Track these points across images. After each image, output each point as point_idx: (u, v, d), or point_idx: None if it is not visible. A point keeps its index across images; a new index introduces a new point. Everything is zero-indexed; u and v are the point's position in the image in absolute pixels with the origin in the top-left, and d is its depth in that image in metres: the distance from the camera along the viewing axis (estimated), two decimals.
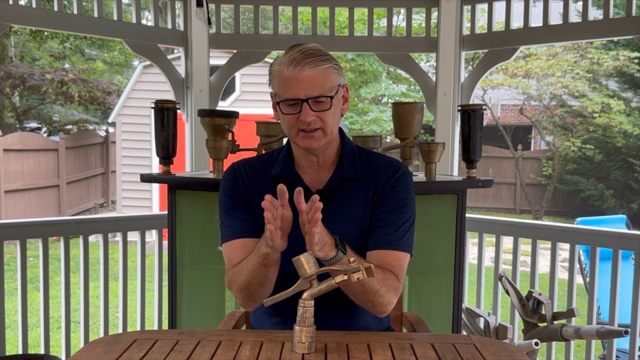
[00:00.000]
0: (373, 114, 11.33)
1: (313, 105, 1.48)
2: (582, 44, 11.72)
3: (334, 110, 1.52)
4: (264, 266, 1.44)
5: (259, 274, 1.46)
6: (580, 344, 4.34)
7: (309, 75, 1.46)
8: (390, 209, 1.57)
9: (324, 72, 1.48)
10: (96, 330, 4.38)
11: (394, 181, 1.60)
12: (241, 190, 1.62)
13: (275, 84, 1.52)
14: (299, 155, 1.61)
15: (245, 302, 1.57)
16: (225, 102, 9.41)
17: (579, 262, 4.77)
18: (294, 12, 3.53)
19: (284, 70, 1.48)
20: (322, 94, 1.48)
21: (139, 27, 3.33)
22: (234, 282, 1.54)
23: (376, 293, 1.46)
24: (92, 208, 12.44)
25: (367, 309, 1.53)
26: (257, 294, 1.52)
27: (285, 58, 1.49)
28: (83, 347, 1.39)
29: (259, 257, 1.44)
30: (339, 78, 1.52)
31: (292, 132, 1.53)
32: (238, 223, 1.59)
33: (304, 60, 1.47)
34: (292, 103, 1.49)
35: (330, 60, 1.51)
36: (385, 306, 1.51)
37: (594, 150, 12.78)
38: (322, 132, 1.52)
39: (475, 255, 3.33)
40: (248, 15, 9.36)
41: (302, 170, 1.62)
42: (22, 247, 2.88)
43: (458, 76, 3.39)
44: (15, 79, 12.68)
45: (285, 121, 1.53)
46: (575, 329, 2.30)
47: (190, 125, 3.42)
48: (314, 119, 1.49)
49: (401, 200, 1.59)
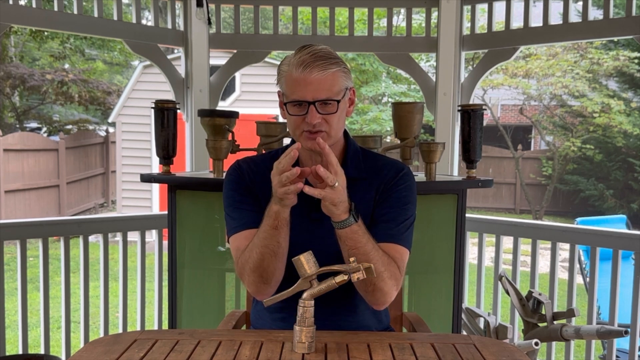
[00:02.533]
0: (373, 114, 11.34)
1: (319, 107, 1.50)
2: (582, 44, 11.72)
3: (339, 114, 1.54)
4: (275, 228, 1.45)
5: (272, 240, 1.46)
6: (580, 344, 4.34)
7: (317, 78, 1.48)
8: (393, 205, 1.59)
9: (332, 76, 1.50)
10: (96, 330, 4.38)
11: (397, 180, 1.62)
12: (247, 183, 1.63)
13: (284, 84, 1.54)
14: (303, 155, 1.62)
15: (258, 286, 1.53)
16: (225, 102, 9.41)
17: (579, 262, 4.77)
18: (294, 12, 3.53)
19: (293, 71, 1.50)
20: (329, 98, 1.50)
21: (139, 27, 3.33)
22: (246, 264, 1.53)
23: (379, 276, 1.46)
24: (92, 208, 12.44)
25: (367, 297, 1.52)
26: (270, 268, 1.49)
27: (294, 59, 1.50)
28: (83, 347, 1.40)
29: (269, 219, 1.45)
30: (346, 81, 1.54)
31: (297, 132, 1.54)
32: (246, 215, 1.60)
33: (313, 63, 1.48)
34: (299, 104, 1.51)
35: (339, 64, 1.52)
36: (385, 295, 1.51)
37: (594, 150, 12.78)
38: (326, 135, 1.53)
39: (475, 255, 3.33)
40: (248, 15, 9.35)
41: None
42: (22, 247, 2.88)
43: (458, 76, 3.39)
44: (15, 79, 12.69)
45: (291, 121, 1.55)
46: (575, 329, 2.30)
47: (190, 125, 3.42)
48: (320, 122, 1.50)
49: (403, 198, 1.61)
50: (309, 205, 1.58)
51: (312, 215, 1.58)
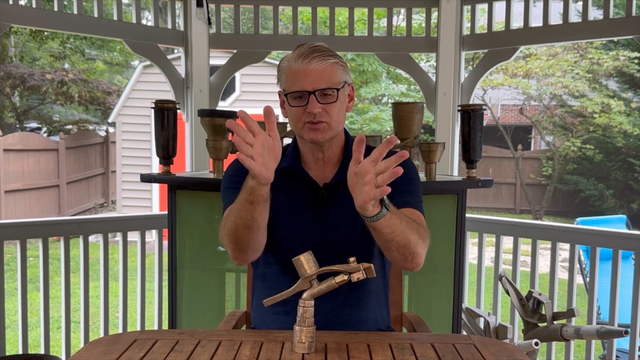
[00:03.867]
0: (373, 113, 11.34)
1: (320, 97, 1.52)
2: (582, 44, 11.72)
3: (339, 105, 1.55)
4: (250, 203, 1.39)
5: (246, 213, 1.41)
6: (580, 344, 4.34)
7: (316, 68, 1.51)
8: (402, 186, 1.55)
9: (330, 67, 1.53)
10: (96, 330, 4.38)
11: (400, 164, 1.59)
12: (246, 173, 1.61)
13: (284, 79, 1.56)
14: (305, 151, 1.64)
15: (234, 252, 1.52)
16: (225, 102, 9.41)
17: (579, 262, 4.77)
18: (294, 12, 3.53)
19: (292, 64, 1.53)
20: (328, 87, 1.52)
21: (139, 27, 3.33)
22: (222, 229, 1.52)
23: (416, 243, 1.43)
24: (92, 208, 12.44)
25: (404, 264, 1.49)
26: (244, 238, 1.46)
27: (293, 54, 1.55)
28: (83, 347, 1.39)
29: (244, 192, 1.40)
30: (345, 75, 1.57)
31: (298, 125, 1.56)
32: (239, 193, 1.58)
33: (312, 54, 1.52)
34: (299, 95, 1.53)
35: (337, 58, 1.56)
36: (420, 258, 1.47)
37: (594, 150, 12.78)
38: (327, 125, 1.54)
39: (475, 255, 3.33)
40: (248, 15, 9.35)
41: (308, 167, 1.64)
42: (22, 247, 2.88)
43: (458, 76, 3.39)
44: (15, 79, 12.69)
45: (292, 114, 1.56)
46: (575, 329, 2.30)
47: (190, 125, 3.41)
48: (320, 111, 1.52)
49: (412, 180, 1.62)
50: (314, 199, 1.59)
51: (317, 210, 1.59)
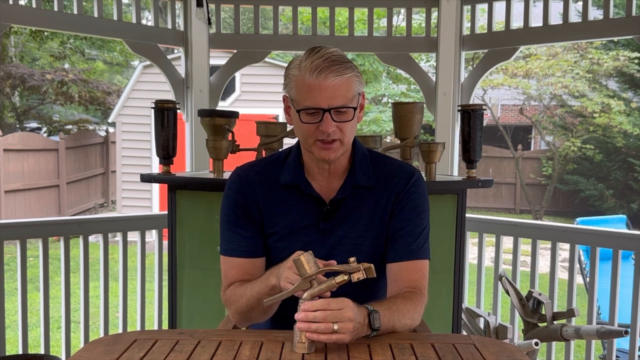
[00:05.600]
0: (373, 114, 11.33)
1: (334, 115, 1.43)
2: (582, 44, 11.72)
3: (354, 121, 1.48)
4: (269, 295, 1.43)
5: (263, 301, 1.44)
6: (580, 344, 4.34)
7: (332, 84, 1.41)
8: (408, 218, 1.56)
9: (347, 81, 1.43)
10: (96, 330, 4.38)
11: (409, 188, 1.57)
12: (247, 203, 1.58)
13: (294, 90, 1.45)
14: (310, 162, 1.57)
15: (240, 323, 1.58)
16: (225, 102, 9.41)
17: (579, 262, 4.77)
18: (294, 12, 3.53)
19: (306, 76, 1.41)
20: (344, 105, 1.43)
21: (139, 27, 3.33)
22: (232, 303, 1.54)
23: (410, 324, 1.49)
24: (92, 208, 12.44)
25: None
26: (255, 318, 1.52)
27: (306, 63, 1.42)
28: (83, 347, 1.39)
29: (266, 287, 1.44)
30: (359, 86, 1.47)
31: (309, 140, 1.47)
32: (237, 240, 1.58)
33: (328, 68, 1.40)
34: (313, 112, 1.43)
35: (353, 68, 1.45)
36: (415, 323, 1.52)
37: (594, 150, 12.78)
38: (339, 143, 1.47)
39: (475, 255, 3.33)
40: (248, 15, 9.35)
41: (312, 178, 1.58)
42: (22, 247, 2.88)
43: (458, 76, 3.39)
44: (15, 79, 12.69)
45: (303, 129, 1.47)
46: (575, 329, 2.30)
47: (190, 125, 3.41)
48: (334, 130, 1.44)
49: (418, 207, 1.58)
50: (318, 215, 1.56)
51: (320, 225, 1.56)
